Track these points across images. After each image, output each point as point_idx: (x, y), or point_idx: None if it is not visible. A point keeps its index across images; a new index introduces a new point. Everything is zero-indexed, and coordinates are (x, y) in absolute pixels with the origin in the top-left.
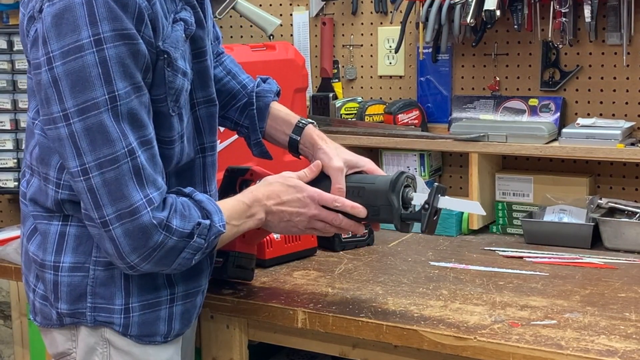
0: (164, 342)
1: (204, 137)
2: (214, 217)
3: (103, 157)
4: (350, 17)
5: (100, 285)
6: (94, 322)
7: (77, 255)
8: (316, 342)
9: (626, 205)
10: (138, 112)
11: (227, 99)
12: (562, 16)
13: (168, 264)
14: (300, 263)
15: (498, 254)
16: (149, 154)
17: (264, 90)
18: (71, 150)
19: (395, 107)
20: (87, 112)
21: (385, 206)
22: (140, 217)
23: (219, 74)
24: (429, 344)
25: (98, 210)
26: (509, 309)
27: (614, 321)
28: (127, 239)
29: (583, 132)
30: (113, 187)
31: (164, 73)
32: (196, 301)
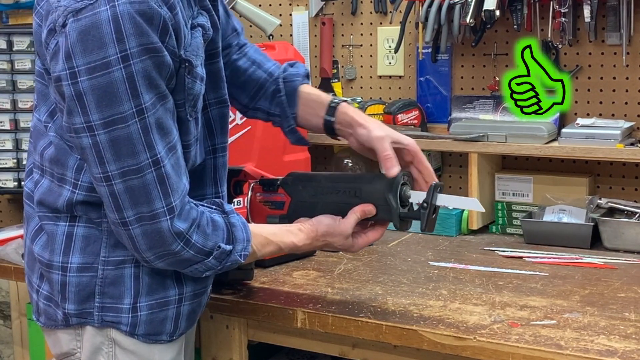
0: (169, 341)
1: (215, 137)
2: (237, 246)
3: (127, 167)
4: (350, 17)
5: (109, 284)
6: (101, 322)
7: (86, 256)
8: (316, 342)
9: (626, 205)
10: (164, 119)
11: (255, 89)
12: (561, 16)
13: (180, 268)
14: (300, 263)
15: (498, 254)
16: (174, 160)
17: (290, 75)
18: (94, 159)
19: (395, 107)
20: (114, 124)
21: (383, 206)
22: (160, 223)
23: (243, 65)
24: (428, 344)
25: (119, 212)
26: (509, 309)
27: (613, 321)
28: (145, 239)
29: (582, 132)
30: (135, 193)
31: (184, 80)
32: (202, 300)
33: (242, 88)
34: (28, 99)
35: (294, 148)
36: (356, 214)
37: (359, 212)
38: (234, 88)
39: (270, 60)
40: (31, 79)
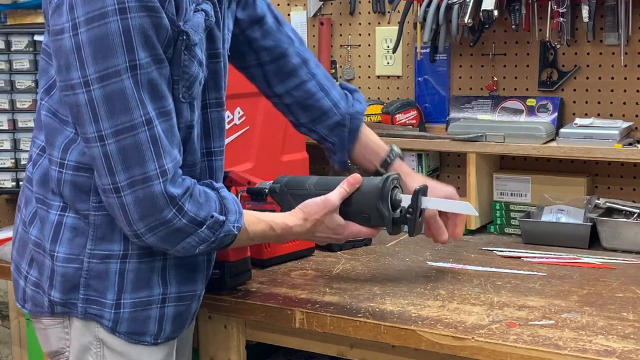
0: (154, 345)
1: (212, 141)
2: (230, 217)
3: (120, 125)
4: (348, 17)
5: (94, 277)
6: (85, 315)
7: (72, 247)
8: (314, 342)
9: (624, 205)
10: (158, 83)
11: (318, 115)
12: (559, 16)
13: (172, 243)
14: (298, 263)
15: (496, 254)
16: (167, 126)
17: (357, 113)
18: (88, 117)
19: (393, 107)
20: (108, 79)
21: (375, 214)
22: (152, 186)
23: (312, 89)
24: (426, 344)
25: (111, 176)
26: (507, 309)
27: (611, 321)
28: (137, 207)
29: (581, 132)
30: (128, 154)
31: (181, 55)
32: (190, 306)
33: (305, 109)
34: (26, 99)
35: (292, 148)
36: (343, 187)
37: (346, 184)
38: (297, 107)
39: (335, 87)
40: (30, 79)
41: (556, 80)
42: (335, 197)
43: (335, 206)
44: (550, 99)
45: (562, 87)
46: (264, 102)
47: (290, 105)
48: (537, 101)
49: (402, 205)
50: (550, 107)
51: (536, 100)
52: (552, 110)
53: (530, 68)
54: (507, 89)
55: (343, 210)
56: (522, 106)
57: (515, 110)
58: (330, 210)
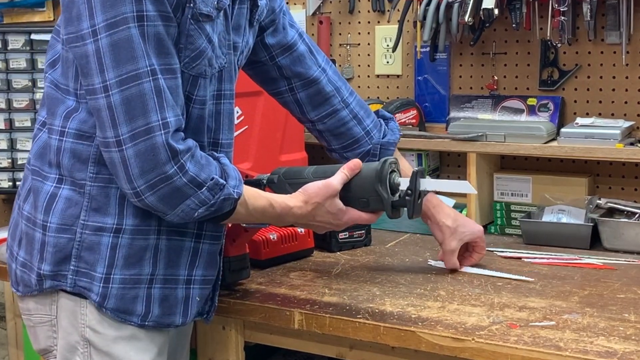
0: (141, 327)
1: (220, 132)
2: (230, 181)
3: (125, 74)
4: (348, 15)
5: (86, 249)
6: (74, 287)
7: (65, 217)
8: (313, 344)
9: (625, 205)
10: (164, 39)
11: (349, 142)
12: (560, 15)
13: (171, 205)
14: (297, 264)
15: (496, 255)
16: (171, 83)
17: (387, 143)
18: (95, 67)
19: (393, 107)
20: (115, 27)
21: (374, 197)
22: (154, 137)
23: (345, 117)
24: (426, 346)
25: (114, 128)
26: (507, 310)
27: (613, 322)
28: (138, 160)
29: (582, 131)
30: (132, 104)
31: (187, 24)
32: (176, 292)
33: (337, 137)
34: (23, 99)
35: (291, 148)
36: (344, 171)
37: (346, 169)
38: (329, 134)
39: (370, 115)
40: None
41: (557, 80)
42: (336, 181)
43: (336, 190)
44: (551, 98)
45: (563, 87)
46: (262, 101)
47: (322, 132)
48: (537, 100)
49: (400, 188)
50: (551, 106)
51: (537, 99)
52: (553, 109)
53: (531, 67)
54: (508, 88)
55: (342, 196)
56: (523, 105)
57: (516, 109)
58: (331, 194)
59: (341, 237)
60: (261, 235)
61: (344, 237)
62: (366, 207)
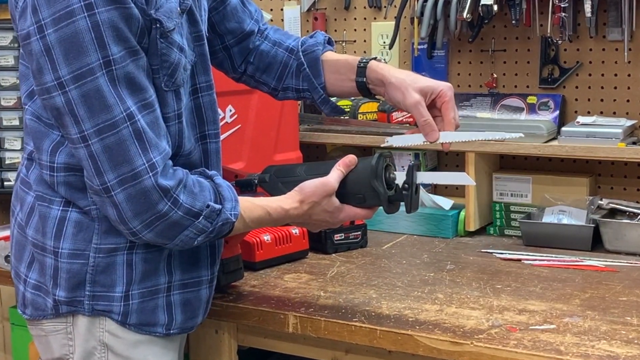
0: (167, 336)
1: (205, 125)
2: (226, 204)
3: (102, 123)
4: (343, 11)
5: (101, 273)
6: (92, 312)
7: (77, 242)
8: (308, 348)
9: (627, 206)
10: (135, 75)
11: (280, 70)
12: (561, 11)
13: (170, 237)
14: (292, 266)
15: (495, 257)
16: (151, 118)
17: (310, 46)
18: (69, 119)
19: (389, 106)
20: (82, 78)
21: (370, 193)
22: (143, 182)
23: (265, 48)
24: (424, 350)
25: (99, 176)
26: (507, 313)
27: (615, 326)
28: (130, 204)
29: (583, 130)
30: (114, 152)
31: (157, 44)
32: (200, 293)
33: (267, 71)
34: (11, 97)
35: (286, 147)
36: (340, 168)
37: (342, 166)
38: (260, 73)
39: (290, 36)
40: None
41: (558, 77)
42: (333, 179)
43: (333, 189)
44: (551, 96)
45: (563, 85)
46: (256, 99)
47: (254, 76)
48: (538, 99)
49: (396, 182)
50: (551, 104)
51: (537, 97)
52: (554, 108)
53: (531, 65)
54: (507, 86)
55: (337, 193)
56: (523, 104)
57: (516, 108)
58: (328, 192)
59: (337, 238)
60: (255, 237)
61: (340, 239)
62: (362, 202)
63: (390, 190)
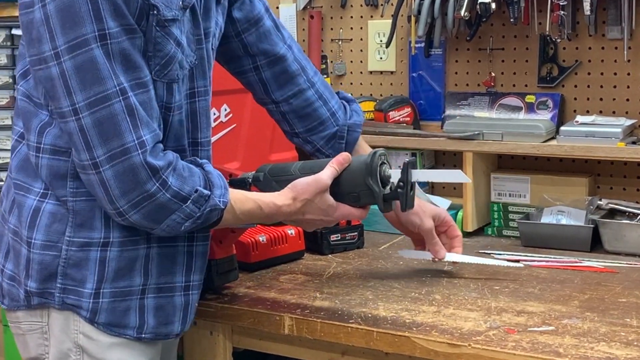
0: (138, 340)
1: (199, 131)
2: (215, 191)
3: (94, 96)
4: (339, 10)
5: (73, 266)
6: (62, 305)
7: (50, 234)
8: (304, 349)
9: (627, 206)
10: (131, 53)
11: (315, 125)
12: (560, 9)
13: (157, 221)
14: (287, 267)
15: (493, 257)
16: (144, 97)
17: (355, 125)
18: (62, 90)
19: (386, 104)
20: (77, 49)
21: (365, 191)
22: (131, 158)
23: (310, 98)
24: (421, 351)
25: (89, 151)
26: (505, 315)
27: (614, 327)
28: (117, 181)
29: (582, 130)
30: (104, 126)
31: (153, 31)
32: (174, 300)
33: (302, 118)
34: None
35: (281, 147)
36: (333, 166)
37: (335, 164)
38: (294, 115)
39: (334, 96)
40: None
41: (556, 76)
42: (326, 176)
43: (326, 185)
44: (550, 95)
45: (562, 83)
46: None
47: (286, 113)
48: (536, 98)
49: (391, 181)
50: (550, 104)
51: (536, 96)
52: (552, 107)
53: (529, 63)
54: (505, 85)
55: (332, 191)
56: (521, 103)
57: (514, 107)
58: (321, 189)
59: (333, 239)
60: (250, 237)
61: (336, 240)
62: (357, 201)
63: (386, 188)
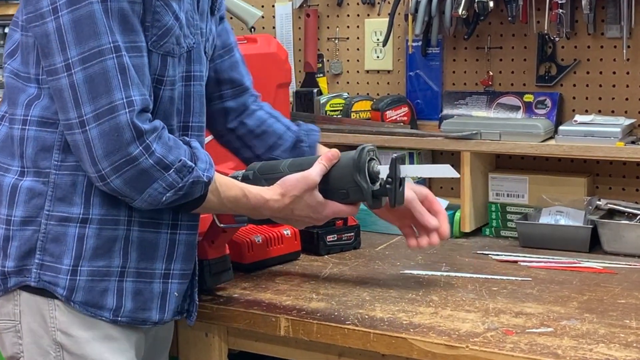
0: (114, 322)
1: (191, 115)
2: (200, 164)
3: (88, 51)
4: (336, 8)
5: (51, 241)
6: (38, 281)
7: (28, 209)
8: (300, 351)
9: (626, 206)
10: (129, 15)
11: (274, 141)
12: (558, 7)
13: (138, 189)
14: (283, 268)
15: (491, 258)
16: (137, 61)
17: (310, 129)
18: (56, 45)
19: (383, 104)
20: (77, 2)
21: (353, 188)
22: (118, 116)
23: (263, 116)
24: (418, 353)
25: (77, 108)
26: (503, 316)
27: (613, 329)
28: (102, 141)
29: (581, 129)
30: (95, 82)
31: (153, 1)
32: (152, 286)
33: (260, 138)
34: None
35: None
36: (322, 162)
37: (324, 160)
38: (252, 137)
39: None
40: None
41: (555, 75)
42: (315, 173)
43: (315, 182)
44: (548, 94)
45: (561, 83)
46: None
47: (243, 137)
48: (534, 97)
49: (380, 177)
50: (548, 103)
51: (534, 96)
52: (551, 106)
53: (527, 62)
54: (504, 84)
55: (320, 189)
56: (519, 102)
57: (512, 106)
58: (310, 186)
59: (329, 239)
60: (245, 237)
61: (332, 240)
62: (346, 198)
63: (375, 184)
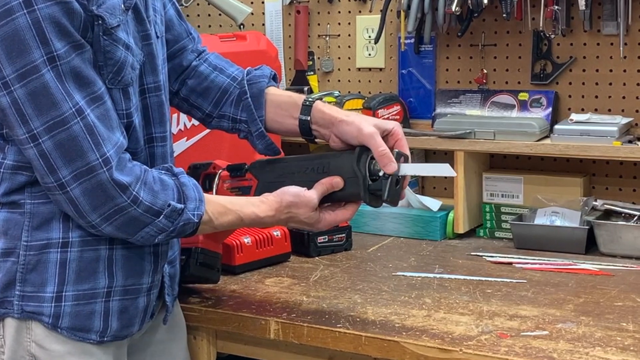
0: (100, 343)
1: (152, 126)
2: (189, 205)
3: (51, 120)
4: (327, 5)
5: (31, 271)
6: (21, 313)
7: (7, 240)
8: (290, 355)
9: (623, 207)
10: (82, 69)
11: (218, 95)
12: (554, 4)
13: (131, 232)
14: (273, 269)
15: (485, 260)
16: (101, 111)
17: (255, 77)
18: (15, 119)
19: (375, 102)
20: (28, 76)
21: (351, 178)
22: (98, 176)
23: (205, 71)
24: (411, 357)
25: (53, 173)
26: (497, 319)
27: (610, 332)
28: (87, 198)
29: (577, 128)
30: (66, 148)
31: (101, 41)
32: (137, 301)
33: (204, 95)
34: None
35: None
36: (323, 185)
37: (326, 184)
38: (196, 96)
39: (233, 65)
40: None
41: (550, 73)
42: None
43: (315, 204)
44: (544, 93)
45: (556, 81)
46: None
47: (188, 98)
48: (529, 95)
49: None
50: (544, 101)
51: (529, 94)
52: (546, 105)
53: (522, 60)
54: (498, 82)
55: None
56: (514, 101)
57: (507, 105)
58: (310, 208)
59: (320, 241)
60: (235, 239)
61: (323, 241)
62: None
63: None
